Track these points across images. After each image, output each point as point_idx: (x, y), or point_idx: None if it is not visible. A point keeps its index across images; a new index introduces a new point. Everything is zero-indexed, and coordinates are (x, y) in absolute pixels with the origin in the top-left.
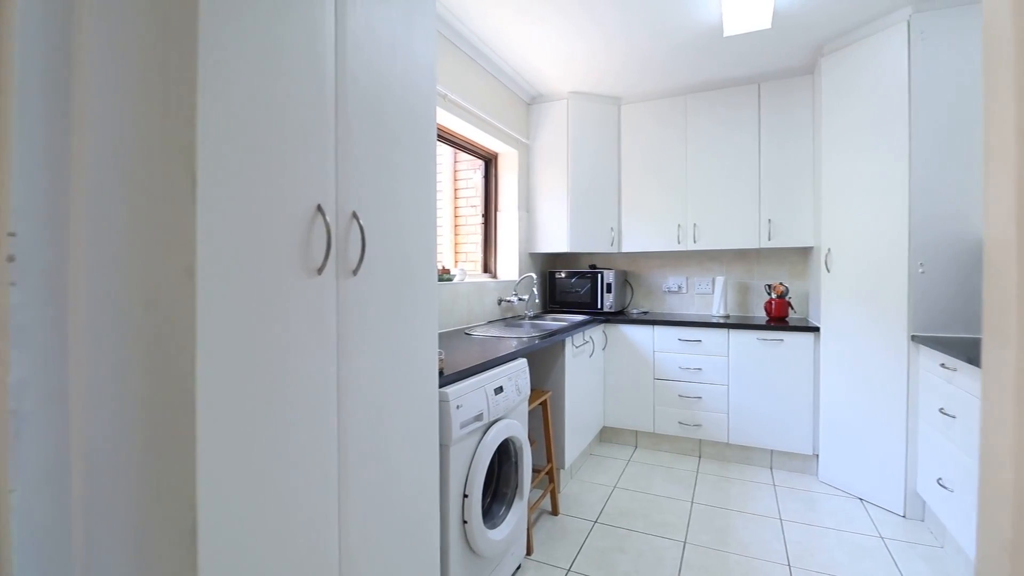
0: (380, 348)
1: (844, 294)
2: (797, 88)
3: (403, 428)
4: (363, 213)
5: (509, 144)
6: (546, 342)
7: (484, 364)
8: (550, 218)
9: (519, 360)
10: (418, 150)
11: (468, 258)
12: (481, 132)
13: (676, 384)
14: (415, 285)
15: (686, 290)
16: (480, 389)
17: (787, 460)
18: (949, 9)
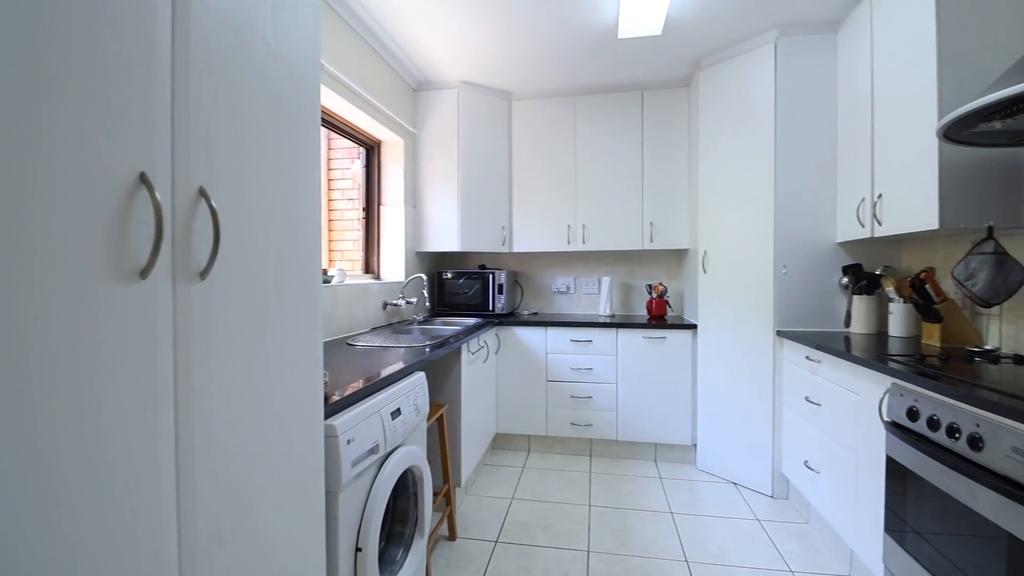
0: (242, 381)
1: (719, 293)
2: (676, 99)
3: (278, 484)
4: (216, 191)
5: (395, 131)
6: (442, 350)
7: (378, 383)
8: (440, 215)
9: (417, 375)
10: (297, 114)
11: (345, 257)
12: (362, 115)
13: (568, 385)
14: (293, 291)
15: (574, 290)
16: (375, 415)
17: (669, 452)
18: (808, 36)
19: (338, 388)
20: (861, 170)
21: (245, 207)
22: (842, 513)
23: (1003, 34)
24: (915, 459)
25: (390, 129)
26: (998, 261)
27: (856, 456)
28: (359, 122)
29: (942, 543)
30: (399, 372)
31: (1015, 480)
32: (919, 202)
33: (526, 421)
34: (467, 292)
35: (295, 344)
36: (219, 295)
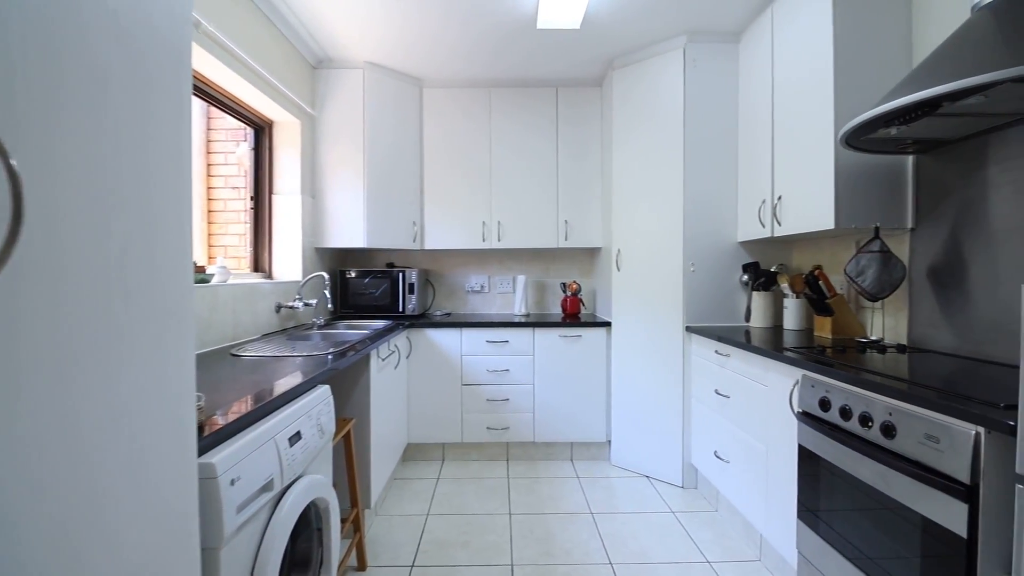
0: (67, 413)
1: (631, 291)
2: (589, 98)
3: (133, 550)
4: (21, 150)
5: (290, 111)
6: (349, 358)
7: (272, 403)
8: (343, 207)
9: (320, 389)
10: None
11: (230, 253)
12: (251, 89)
13: (485, 388)
14: (148, 292)
15: (488, 289)
16: (269, 443)
17: (585, 450)
18: (714, 44)
19: (219, 412)
20: (762, 173)
21: (69, 178)
22: (752, 500)
23: (891, 52)
24: (828, 447)
25: (284, 108)
26: (884, 259)
27: (766, 445)
28: (247, 97)
29: (856, 528)
30: (299, 387)
31: (928, 465)
32: (816, 204)
33: (440, 428)
34: (374, 292)
35: (154, 359)
36: (25, 294)
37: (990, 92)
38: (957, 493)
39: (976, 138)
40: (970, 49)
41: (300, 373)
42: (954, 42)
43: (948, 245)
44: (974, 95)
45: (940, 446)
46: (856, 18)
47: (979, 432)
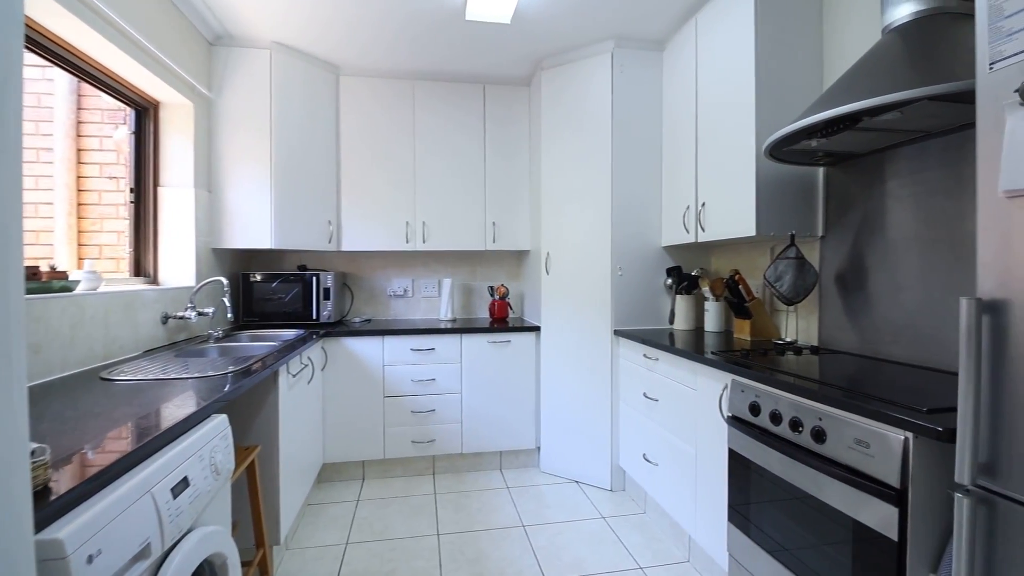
0: None
1: (561, 295)
2: (518, 98)
3: None
4: None
5: (180, 92)
6: (253, 377)
7: (149, 445)
8: (246, 204)
9: (216, 419)
10: None
11: (106, 253)
12: (131, 62)
13: (409, 399)
14: None
15: (412, 293)
16: (144, 498)
17: (515, 458)
18: (640, 51)
19: (71, 466)
20: (686, 180)
21: None
22: (681, 502)
23: (806, 68)
24: (758, 452)
25: (173, 87)
26: (799, 265)
27: (695, 448)
28: (126, 72)
29: (787, 530)
30: (188, 420)
31: (858, 470)
32: (738, 212)
33: (360, 445)
34: (283, 298)
35: None
36: None
37: (905, 109)
38: (888, 497)
39: (878, 154)
40: (886, 67)
41: (190, 399)
42: (870, 61)
43: (853, 252)
44: (891, 111)
45: (870, 451)
46: (775, 35)
47: (908, 438)
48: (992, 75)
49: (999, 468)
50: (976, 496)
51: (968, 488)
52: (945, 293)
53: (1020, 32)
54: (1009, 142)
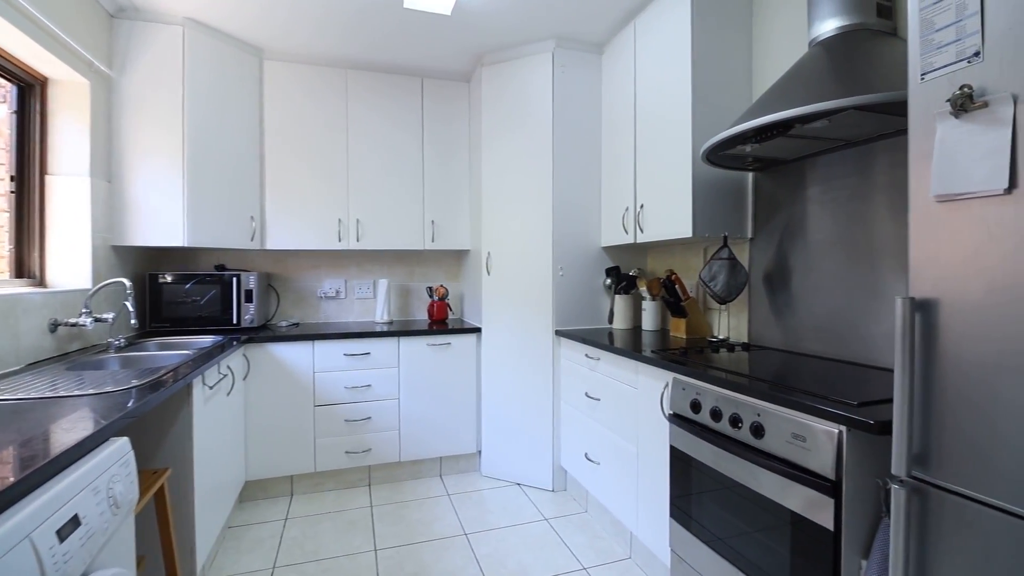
0: None
1: (502, 295)
2: (457, 94)
3: None
4: None
5: (74, 67)
6: (161, 392)
7: (24, 481)
8: (155, 196)
9: (116, 443)
10: None
11: None
12: (11, 29)
13: (342, 408)
14: None
15: (345, 295)
16: (20, 546)
17: (455, 463)
18: (581, 53)
19: None
20: (625, 182)
21: None
22: (623, 500)
23: (737, 77)
24: (700, 448)
25: (64, 62)
26: (732, 266)
27: (636, 446)
28: (5, 41)
29: (728, 524)
30: (78, 447)
31: (796, 463)
32: (676, 213)
33: (288, 459)
34: (199, 301)
35: None
36: None
37: (833, 118)
38: (823, 488)
39: (801, 161)
40: (816, 78)
41: (84, 420)
42: (800, 71)
43: (778, 254)
44: (820, 119)
45: (806, 445)
46: (709, 44)
47: (841, 431)
48: (923, 85)
49: (931, 459)
50: (910, 486)
51: (903, 479)
52: (861, 292)
53: (949, 45)
54: (939, 149)
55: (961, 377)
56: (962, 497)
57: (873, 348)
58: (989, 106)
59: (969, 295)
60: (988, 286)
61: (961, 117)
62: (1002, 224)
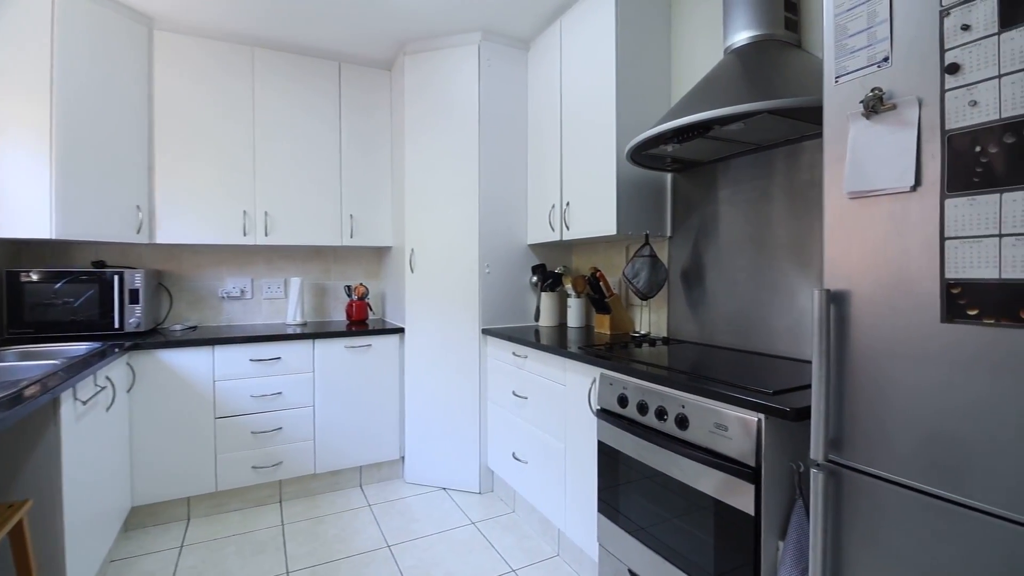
0: None
1: (426, 293)
2: (378, 83)
3: None
4: None
5: None
6: (19, 410)
7: None
8: (13, 180)
9: None
10: None
11: None
12: None
13: (248, 419)
14: None
15: (251, 295)
16: None
17: (376, 471)
18: (507, 48)
19: None
20: (551, 180)
21: None
22: (551, 498)
23: (658, 79)
24: (627, 442)
25: None
26: (653, 263)
27: (564, 444)
28: None
29: (655, 516)
30: None
31: (719, 452)
32: (601, 212)
33: (183, 479)
34: (72, 303)
35: None
36: None
37: (749, 120)
38: (745, 475)
39: (714, 164)
40: (734, 82)
41: None
42: (719, 75)
43: (694, 251)
44: (737, 122)
45: (728, 433)
46: (633, 46)
47: (760, 419)
48: (837, 88)
49: (844, 443)
50: (827, 470)
51: (820, 463)
52: (767, 288)
53: (861, 50)
54: (852, 149)
55: (869, 364)
56: (872, 477)
57: (777, 339)
58: (897, 108)
59: (877, 286)
60: (894, 277)
61: (872, 119)
62: (907, 219)
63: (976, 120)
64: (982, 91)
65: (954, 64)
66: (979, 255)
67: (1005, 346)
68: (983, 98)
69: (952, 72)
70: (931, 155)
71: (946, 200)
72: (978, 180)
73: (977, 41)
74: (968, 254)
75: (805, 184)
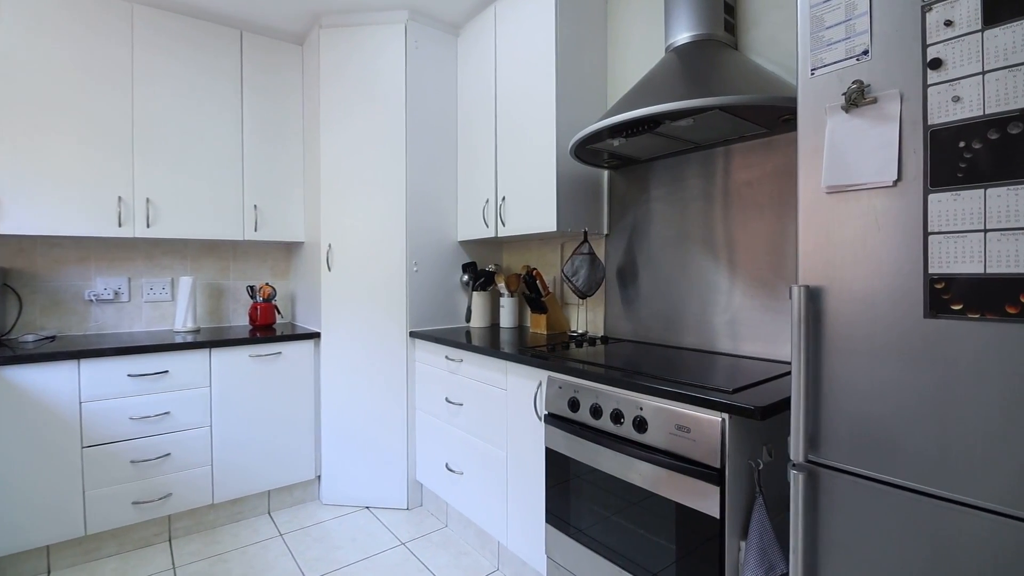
0: None
1: (347, 294)
2: (288, 58)
3: None
4: None
5: None
6: None
7: None
8: None
9: None
10: None
11: None
12: None
13: (127, 446)
14: None
15: (128, 297)
16: None
17: (288, 495)
18: (436, 31)
19: None
20: (485, 174)
21: None
22: (490, 510)
23: (595, 73)
24: (579, 448)
25: None
26: (592, 261)
27: (506, 452)
28: None
29: (611, 525)
30: None
31: (681, 455)
32: (540, 207)
33: (40, 524)
34: None
35: None
36: None
37: (698, 117)
38: (709, 478)
39: (652, 162)
40: (682, 78)
41: None
42: (663, 71)
43: (630, 250)
44: (688, 117)
45: (691, 435)
46: (571, 39)
47: (724, 419)
48: (813, 80)
49: (820, 441)
50: (807, 470)
51: (800, 463)
52: (704, 285)
53: (839, 43)
54: (830, 142)
55: (848, 360)
56: (854, 476)
57: (716, 336)
58: (878, 102)
59: (856, 282)
60: (873, 272)
61: (851, 112)
62: (888, 214)
63: (959, 116)
64: (965, 87)
65: (937, 59)
66: (963, 250)
67: (990, 339)
68: (966, 94)
69: (935, 67)
70: (913, 150)
71: (929, 195)
72: (962, 175)
73: (960, 37)
74: (952, 249)
75: (741, 184)
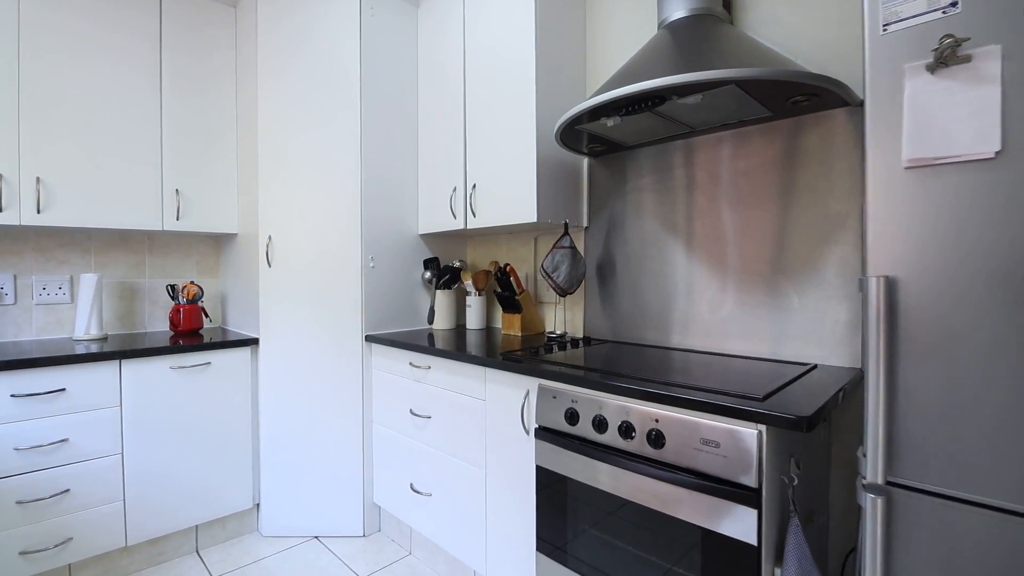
0: None
1: (290, 294)
2: (218, 19)
3: None
4: None
5: None
6: None
7: None
8: None
9: None
10: None
11: None
12: None
13: (11, 483)
14: None
15: (13, 299)
16: None
17: (219, 529)
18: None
19: None
20: (452, 159)
21: None
22: (465, 536)
23: (575, 51)
24: (578, 466)
25: None
26: (573, 255)
27: (484, 470)
28: None
29: (616, 553)
30: None
31: (707, 472)
32: (517, 196)
33: None
34: None
35: None
36: None
37: (707, 94)
38: (746, 500)
39: (636, 149)
40: (684, 54)
41: None
42: (659, 47)
43: (613, 243)
44: (694, 94)
45: (721, 450)
46: (549, 14)
47: (761, 431)
48: (885, 37)
49: (895, 458)
50: (887, 494)
51: (880, 486)
52: (700, 280)
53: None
54: (911, 108)
55: (934, 364)
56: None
57: (711, 335)
58: (972, 60)
59: (943, 272)
60: (966, 260)
61: (938, 72)
62: (990, 191)
63: None
64: None
65: None
66: None
67: None
68: None
69: None
70: (1019, 116)
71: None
72: None
73: None
74: None
75: (738, 173)
